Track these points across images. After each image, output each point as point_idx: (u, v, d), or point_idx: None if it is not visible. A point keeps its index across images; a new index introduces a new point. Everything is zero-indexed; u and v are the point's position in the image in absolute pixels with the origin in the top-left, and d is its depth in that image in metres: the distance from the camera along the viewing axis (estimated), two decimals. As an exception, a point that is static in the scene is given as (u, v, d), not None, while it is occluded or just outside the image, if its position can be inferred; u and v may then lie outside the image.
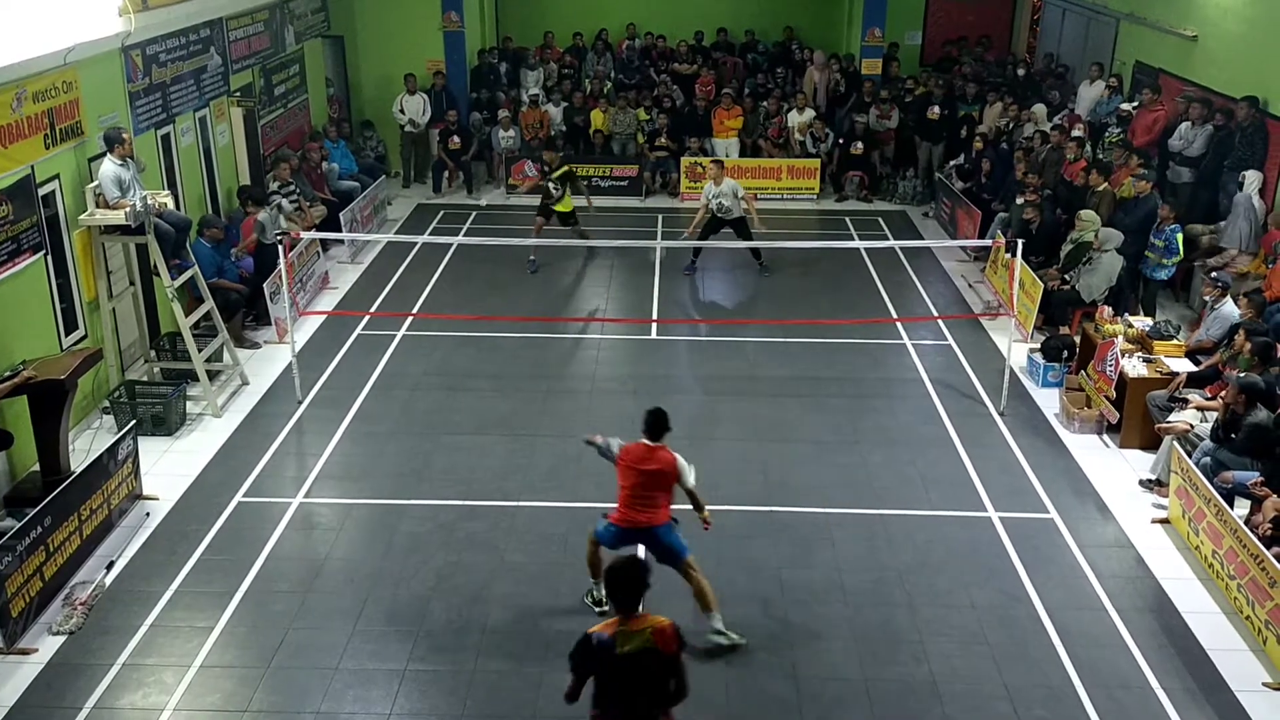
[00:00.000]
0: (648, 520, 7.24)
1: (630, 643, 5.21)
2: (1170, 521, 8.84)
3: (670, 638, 5.28)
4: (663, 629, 5.28)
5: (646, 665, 5.23)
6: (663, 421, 7.29)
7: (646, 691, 5.31)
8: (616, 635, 5.24)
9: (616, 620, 5.32)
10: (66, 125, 10.09)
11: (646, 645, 5.22)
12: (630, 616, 5.31)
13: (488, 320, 12.64)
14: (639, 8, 21.14)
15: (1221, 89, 13.42)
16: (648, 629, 5.27)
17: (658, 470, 7.20)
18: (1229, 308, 10.23)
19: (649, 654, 5.22)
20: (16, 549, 7.27)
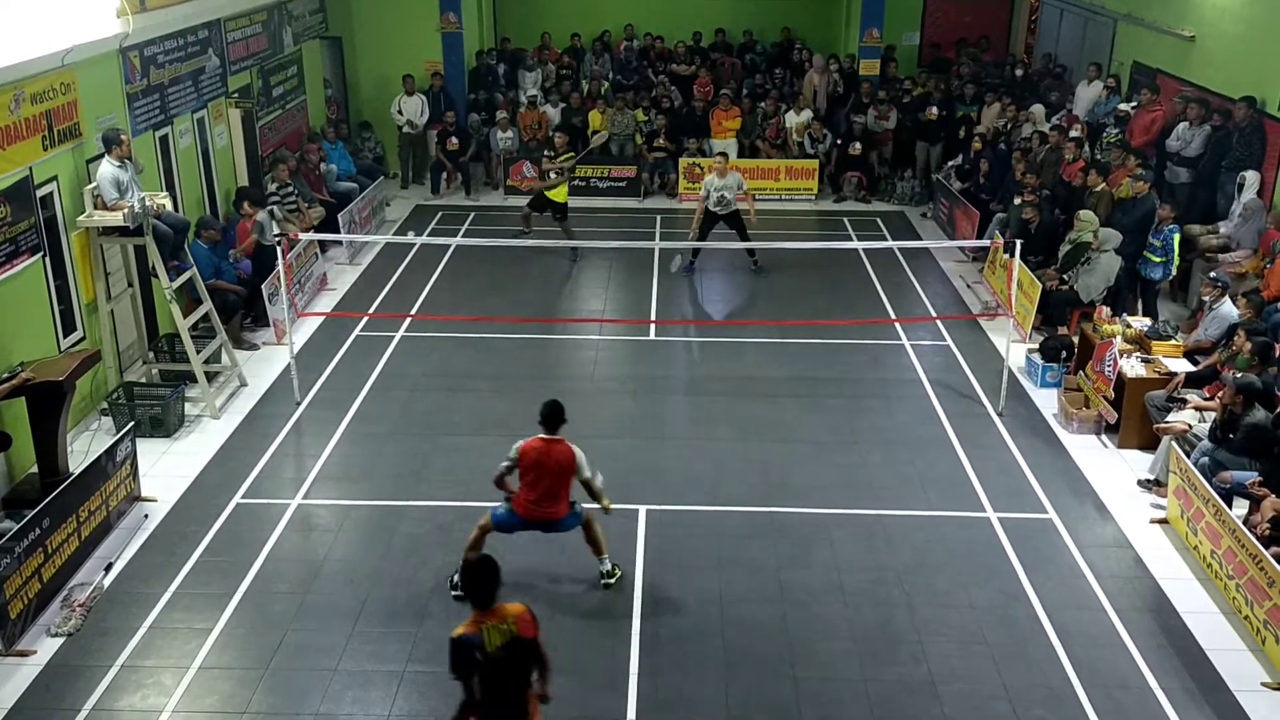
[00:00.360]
0: (549, 513, 7.61)
1: (496, 637, 5.47)
2: (1169, 521, 8.84)
3: (529, 623, 5.58)
4: (521, 616, 5.57)
5: (515, 654, 5.52)
6: (559, 414, 7.49)
7: (516, 678, 5.57)
8: (483, 632, 5.47)
9: (475, 617, 5.53)
10: (64, 127, 10.08)
11: (512, 636, 5.50)
12: (489, 611, 5.53)
13: (486, 321, 12.64)
14: (637, 9, 21.15)
15: (1219, 89, 13.43)
16: (509, 620, 5.53)
17: (556, 464, 7.43)
18: (1227, 308, 10.24)
19: (515, 643, 5.50)
20: (15, 550, 7.26)
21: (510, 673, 5.54)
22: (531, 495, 7.55)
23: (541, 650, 5.66)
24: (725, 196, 14.16)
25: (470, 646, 5.44)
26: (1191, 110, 13.28)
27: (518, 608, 5.61)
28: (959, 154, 17.30)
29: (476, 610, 5.55)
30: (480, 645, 5.44)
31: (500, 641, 5.48)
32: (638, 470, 9.61)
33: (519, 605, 5.63)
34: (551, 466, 7.44)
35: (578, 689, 7.00)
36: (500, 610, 5.55)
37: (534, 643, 5.59)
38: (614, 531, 8.65)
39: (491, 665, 5.46)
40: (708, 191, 14.26)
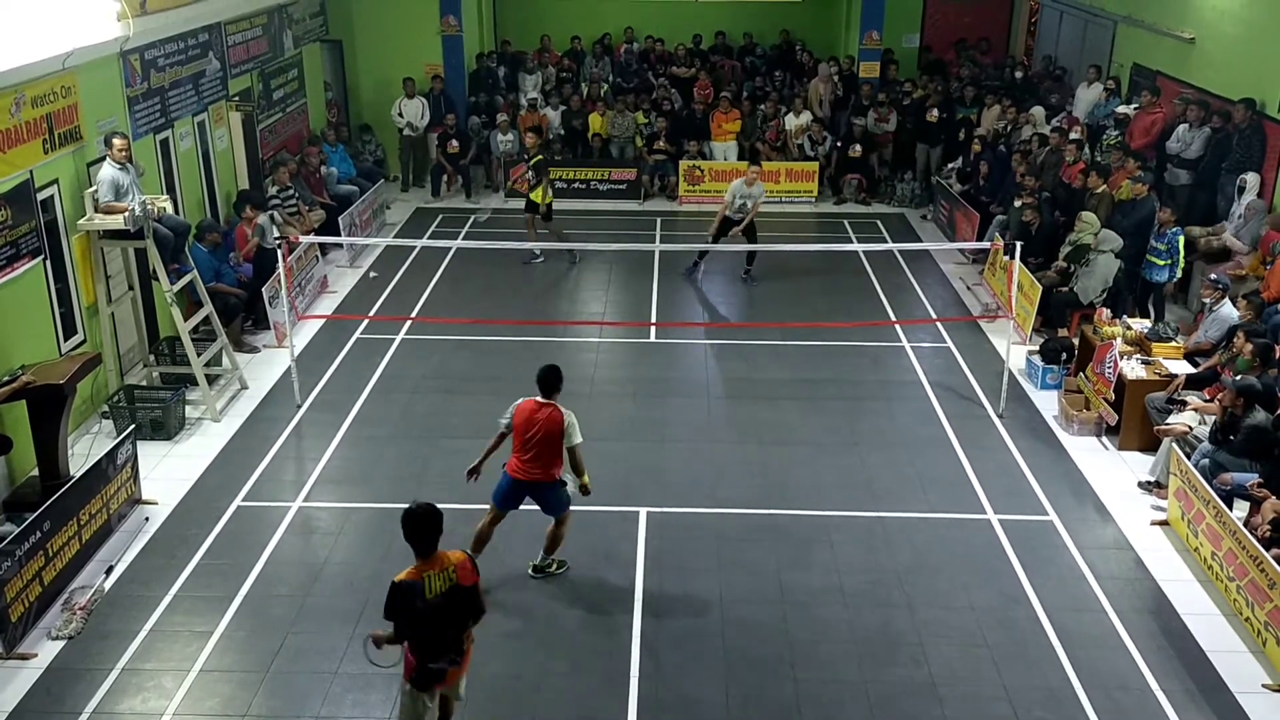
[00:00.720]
0: (539, 475, 7.72)
1: (436, 584, 5.75)
2: (1169, 523, 8.84)
3: (469, 571, 5.88)
4: (461, 564, 5.87)
5: (454, 601, 5.79)
6: (555, 378, 7.69)
7: (454, 623, 5.87)
8: (423, 579, 5.74)
9: (418, 565, 5.80)
10: (65, 130, 10.09)
11: (451, 583, 5.79)
12: (429, 559, 5.80)
13: (486, 324, 12.64)
14: (637, 12, 21.16)
15: (1219, 91, 13.44)
16: (450, 567, 5.82)
17: (544, 425, 7.59)
18: (1227, 309, 10.24)
19: (454, 591, 5.79)
20: (15, 554, 7.26)
21: (448, 618, 5.83)
22: (523, 456, 7.72)
23: (479, 598, 5.97)
24: (747, 205, 14.19)
25: (410, 593, 5.71)
26: (1192, 112, 13.28)
27: (459, 556, 5.91)
28: (959, 156, 17.32)
29: (419, 558, 5.81)
30: (420, 592, 5.71)
31: (440, 588, 5.75)
32: (638, 472, 9.61)
33: (460, 553, 5.95)
34: (540, 429, 7.60)
35: (578, 690, 7.01)
36: (441, 558, 5.83)
37: (473, 590, 5.87)
38: (615, 533, 8.69)
39: (431, 611, 5.74)
40: (733, 197, 14.25)
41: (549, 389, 7.69)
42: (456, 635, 5.90)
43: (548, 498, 7.90)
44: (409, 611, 5.73)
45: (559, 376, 7.72)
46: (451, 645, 5.89)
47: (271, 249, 12.51)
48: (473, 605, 5.92)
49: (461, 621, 5.92)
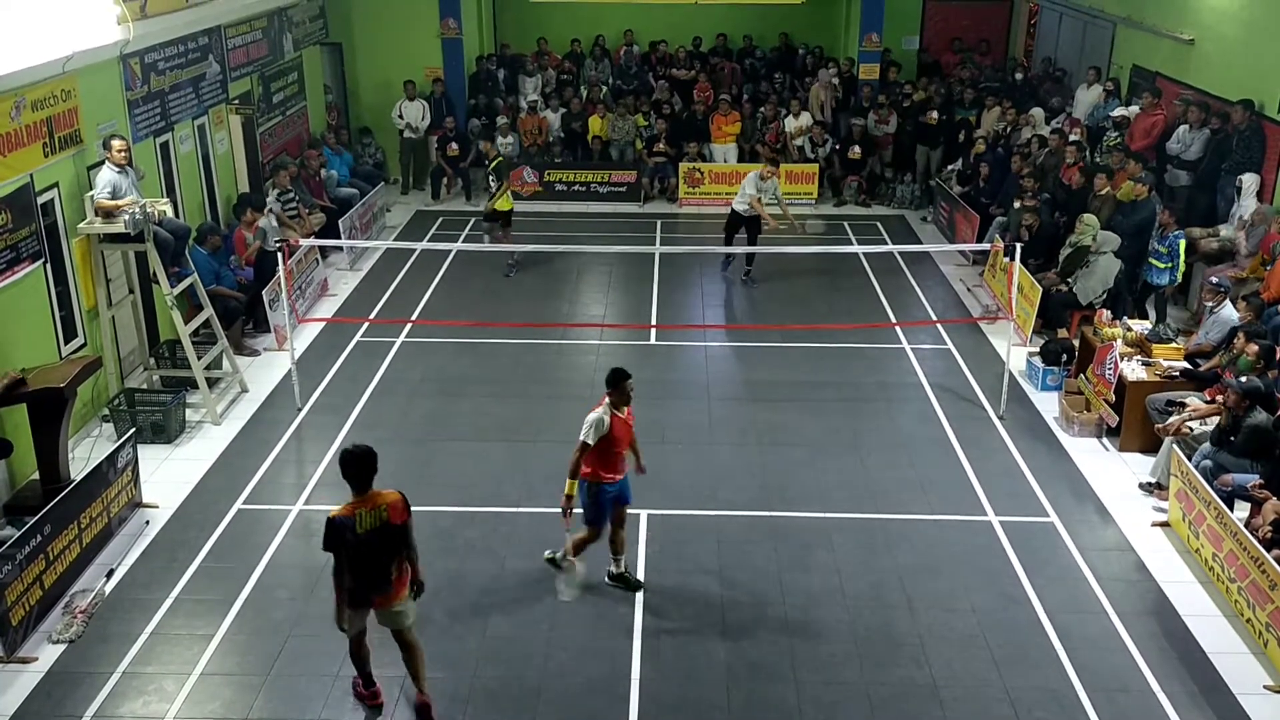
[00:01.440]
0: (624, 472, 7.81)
1: (368, 521, 6.23)
2: (1170, 524, 8.84)
3: (400, 509, 6.35)
4: (394, 504, 6.33)
5: (384, 537, 6.29)
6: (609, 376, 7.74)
7: (386, 557, 6.36)
8: (355, 515, 6.22)
9: (353, 501, 6.27)
10: (65, 134, 10.10)
11: (382, 520, 6.27)
12: (364, 496, 6.28)
13: (486, 326, 12.64)
14: (637, 14, 21.15)
15: (1218, 92, 13.45)
16: (382, 506, 6.28)
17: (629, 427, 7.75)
18: (1228, 311, 10.24)
19: (385, 528, 6.27)
20: (16, 557, 7.26)
21: (378, 553, 6.32)
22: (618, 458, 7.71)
23: (410, 536, 6.43)
24: (762, 199, 14.21)
25: (343, 528, 6.21)
26: (1192, 114, 13.29)
27: (393, 495, 6.35)
28: (959, 158, 17.32)
29: (355, 495, 6.29)
30: (352, 527, 6.20)
31: (371, 525, 6.24)
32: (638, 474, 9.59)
33: (395, 493, 6.37)
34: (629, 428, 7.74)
35: (580, 692, 7.01)
36: (375, 496, 6.29)
37: (403, 528, 6.37)
38: (615, 536, 8.68)
39: (361, 545, 6.23)
40: (745, 185, 14.35)
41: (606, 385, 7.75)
42: (385, 567, 6.37)
43: (628, 492, 7.95)
44: (343, 545, 6.23)
45: (613, 374, 7.77)
46: (381, 576, 6.38)
47: (273, 251, 12.51)
48: (404, 541, 6.41)
49: (391, 555, 6.38)
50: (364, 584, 6.39)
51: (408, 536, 6.43)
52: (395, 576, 6.46)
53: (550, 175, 18.28)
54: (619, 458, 7.70)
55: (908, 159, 18.44)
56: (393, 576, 6.44)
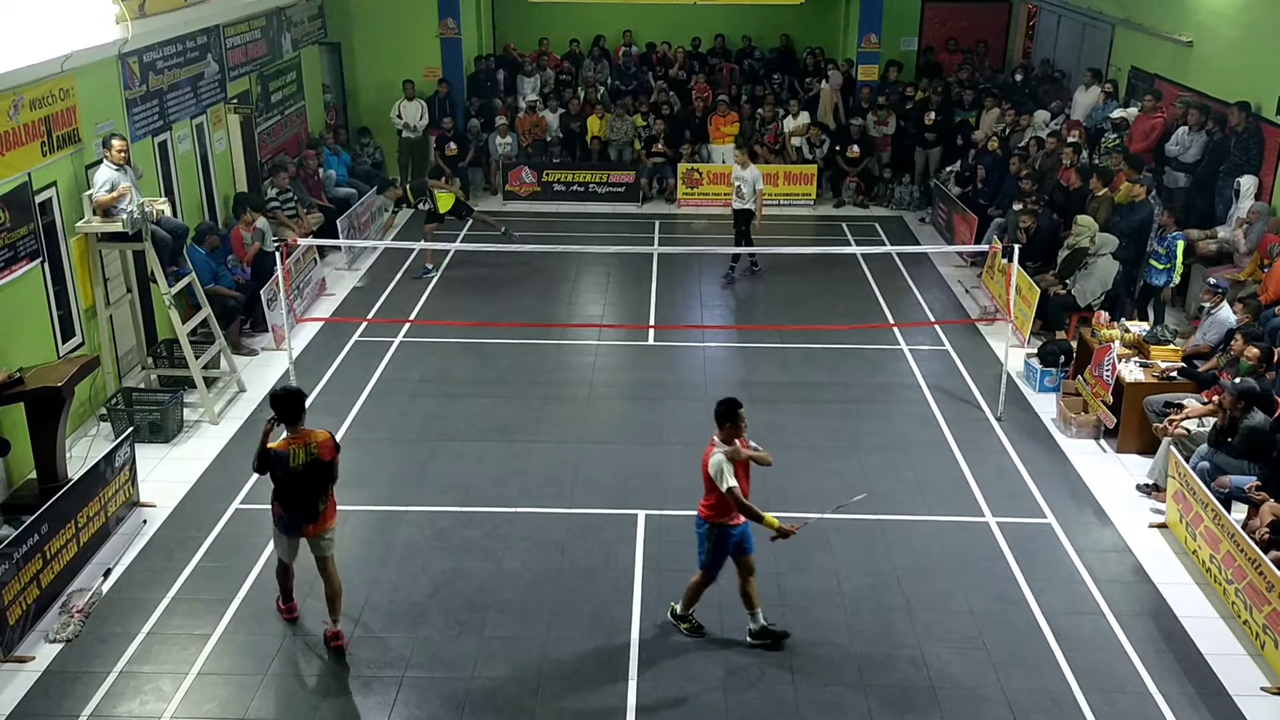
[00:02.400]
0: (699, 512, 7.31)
1: (299, 456, 6.99)
2: (1168, 526, 8.84)
3: (329, 448, 7.10)
4: (323, 442, 7.08)
5: (313, 471, 7.04)
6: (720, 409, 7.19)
7: (315, 489, 7.11)
8: (289, 450, 6.98)
9: (288, 438, 7.02)
10: (63, 133, 10.09)
11: (312, 457, 7.02)
12: (297, 431, 7.03)
13: (485, 326, 12.64)
14: (636, 15, 21.16)
15: (1216, 94, 13.46)
16: (313, 443, 7.04)
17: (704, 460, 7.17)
18: (1225, 313, 10.24)
19: (314, 464, 7.02)
20: (13, 556, 7.26)
21: (308, 485, 7.08)
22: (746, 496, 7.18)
23: (335, 469, 7.18)
24: (741, 189, 14.29)
25: (278, 460, 7.00)
26: (1192, 116, 13.31)
27: (323, 434, 7.11)
28: (957, 159, 17.34)
29: (289, 431, 7.03)
30: (285, 461, 6.97)
31: (303, 460, 6.99)
32: (636, 475, 9.61)
33: (324, 432, 7.14)
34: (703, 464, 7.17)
35: (577, 693, 7.00)
36: (307, 434, 7.05)
37: (331, 464, 7.11)
38: (613, 536, 8.68)
39: (292, 478, 7.02)
40: (734, 182, 14.49)
41: (718, 421, 7.15)
42: (313, 498, 7.11)
43: (747, 537, 7.26)
44: (275, 475, 7.04)
45: (725, 407, 7.13)
46: (308, 505, 7.12)
47: (271, 252, 12.50)
48: (329, 476, 7.14)
49: (319, 488, 7.12)
50: (296, 513, 7.14)
51: (333, 471, 7.17)
52: (323, 508, 7.18)
53: (548, 176, 18.28)
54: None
55: (906, 160, 18.45)
56: (320, 507, 7.17)
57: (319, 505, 7.16)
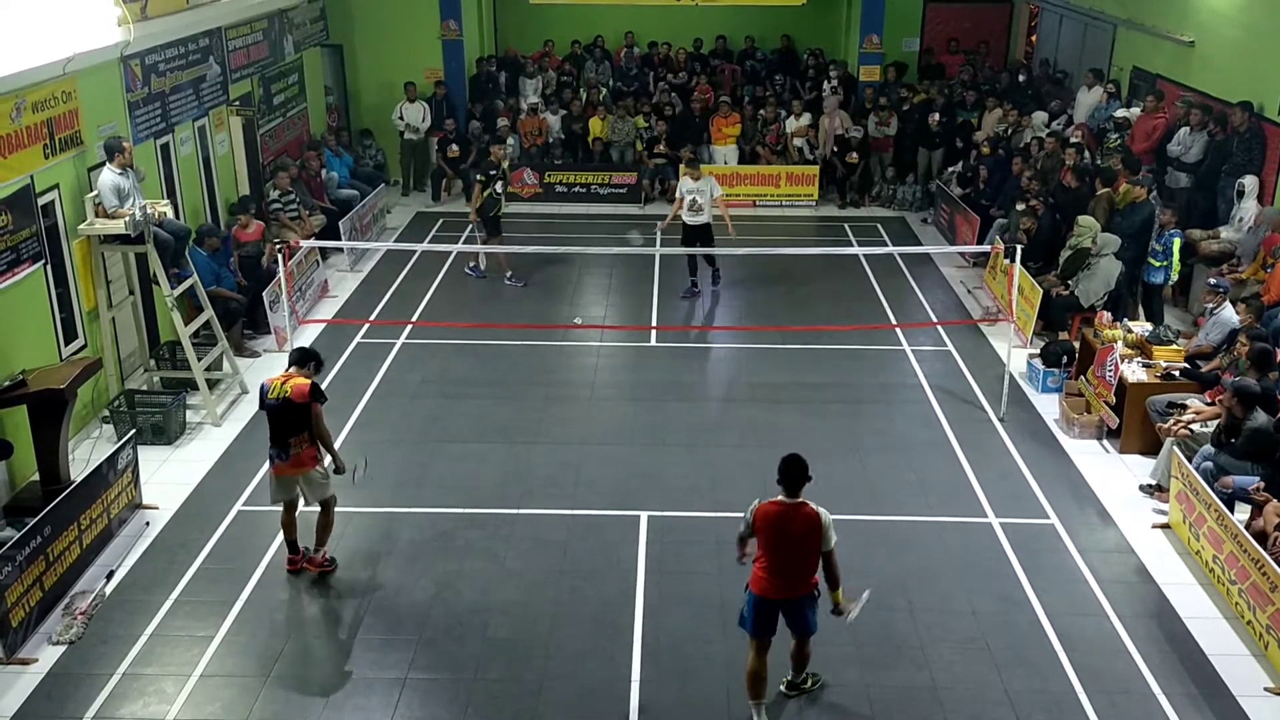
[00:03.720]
0: (792, 590, 6.49)
1: (276, 391, 7.75)
2: (1171, 526, 8.83)
3: (301, 394, 7.71)
4: (297, 386, 7.73)
5: (283, 409, 7.75)
6: (801, 471, 6.38)
7: (283, 428, 7.80)
8: (273, 384, 7.78)
9: (282, 374, 7.86)
10: (66, 135, 10.10)
11: (283, 396, 7.72)
12: (287, 374, 7.86)
13: (487, 328, 12.64)
14: (637, 16, 21.16)
15: (1218, 94, 13.45)
16: (288, 385, 7.74)
17: (803, 531, 6.34)
18: (1228, 313, 10.23)
19: (285, 403, 7.72)
20: (16, 559, 7.27)
21: (280, 420, 7.78)
22: (773, 568, 6.45)
23: (310, 418, 7.74)
24: (698, 200, 13.53)
25: (264, 390, 7.82)
26: (1193, 116, 13.29)
27: (303, 381, 7.76)
28: (959, 160, 17.33)
29: (286, 369, 7.95)
30: (267, 391, 7.79)
31: (276, 395, 7.73)
32: (639, 476, 9.61)
33: (306, 380, 7.77)
34: (796, 533, 6.35)
35: (580, 694, 7.00)
36: (291, 376, 7.82)
37: (303, 408, 7.71)
38: (615, 537, 8.69)
39: (268, 409, 7.80)
40: (682, 195, 13.74)
41: (795, 484, 6.37)
42: (282, 437, 7.78)
43: (802, 616, 6.61)
44: (262, 403, 7.85)
45: (806, 467, 6.38)
46: (277, 441, 7.82)
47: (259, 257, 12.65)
48: (300, 419, 7.74)
49: (288, 429, 7.76)
50: (274, 445, 7.86)
51: (307, 419, 7.76)
52: (295, 451, 7.81)
53: (550, 177, 18.29)
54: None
55: (908, 161, 18.44)
56: (290, 450, 7.80)
57: (288, 444, 7.80)
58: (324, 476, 8.05)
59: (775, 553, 6.42)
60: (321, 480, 8.03)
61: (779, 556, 6.41)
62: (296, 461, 7.86)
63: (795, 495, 6.37)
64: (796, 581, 6.47)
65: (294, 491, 8.04)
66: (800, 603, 6.55)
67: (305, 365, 7.95)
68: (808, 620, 6.64)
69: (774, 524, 6.37)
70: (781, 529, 6.35)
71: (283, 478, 7.95)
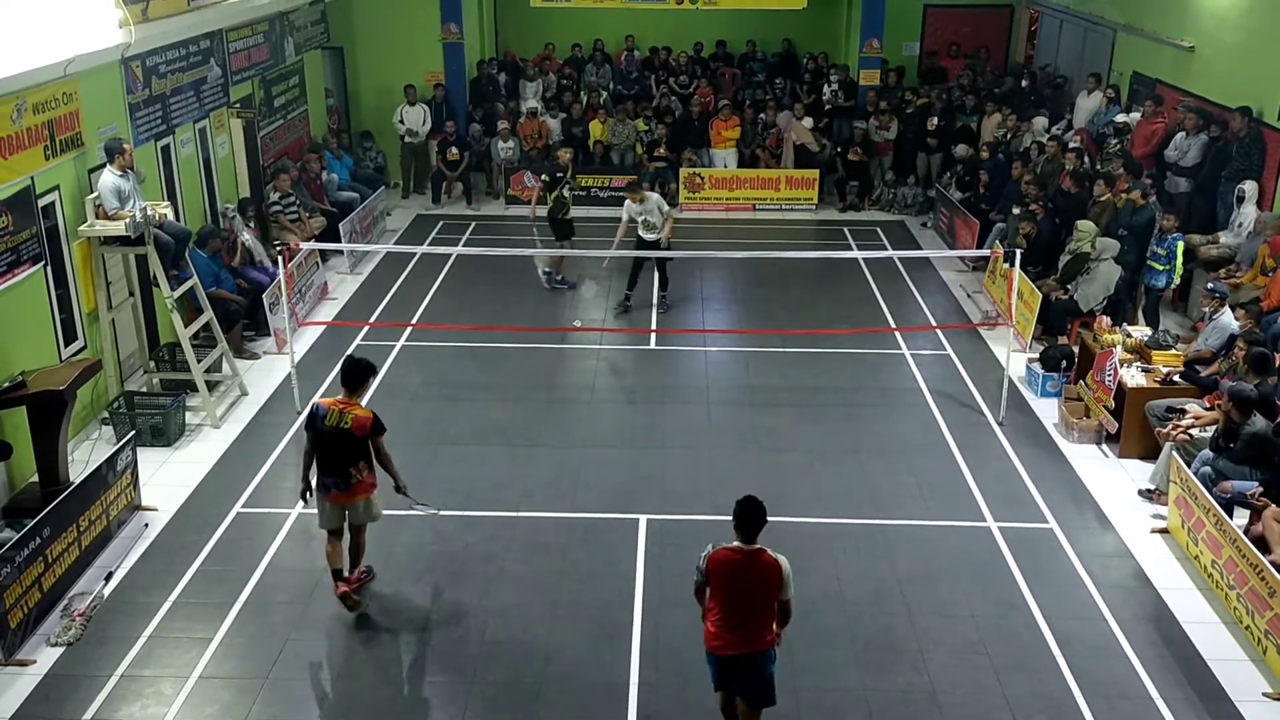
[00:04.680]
0: (746, 644, 5.97)
1: (334, 419, 7.32)
2: (1169, 531, 8.84)
3: (363, 426, 7.32)
4: (360, 419, 7.33)
5: (340, 438, 7.33)
6: (760, 514, 5.92)
7: (338, 454, 7.36)
8: (330, 410, 7.34)
9: (339, 399, 7.41)
10: (66, 136, 10.11)
11: (345, 426, 7.31)
12: (347, 400, 7.40)
13: (487, 330, 12.64)
14: (638, 19, 21.18)
15: (1218, 99, 13.47)
16: (350, 414, 7.33)
17: (759, 580, 5.89)
18: (1227, 318, 10.23)
19: (342, 433, 7.30)
20: (15, 560, 7.26)
21: (334, 450, 7.36)
22: (728, 622, 5.94)
23: (370, 450, 7.43)
24: (650, 220, 13.29)
25: (317, 414, 7.38)
26: (1188, 120, 13.31)
27: (363, 413, 7.35)
28: (957, 164, 17.34)
29: (344, 393, 7.46)
30: (323, 417, 7.34)
31: (334, 424, 7.31)
32: (637, 480, 9.61)
33: (366, 412, 7.37)
34: (751, 581, 5.89)
35: (579, 698, 7.00)
36: (351, 405, 7.38)
37: (362, 441, 7.36)
38: (614, 541, 8.69)
39: (323, 436, 7.34)
40: (630, 216, 13.36)
41: (752, 529, 5.91)
42: (341, 466, 7.37)
43: (760, 678, 6.04)
44: (313, 426, 7.38)
45: (763, 512, 5.93)
46: (335, 470, 7.39)
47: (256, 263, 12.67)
48: (359, 450, 7.37)
49: (347, 458, 7.36)
50: (326, 474, 7.43)
51: (367, 449, 7.43)
52: (355, 480, 7.44)
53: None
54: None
55: (908, 164, 18.46)
56: (352, 478, 7.43)
57: (350, 474, 7.42)
58: (379, 500, 7.76)
59: (729, 603, 5.90)
60: (377, 504, 7.75)
61: (733, 607, 5.90)
62: (358, 489, 7.52)
63: (752, 541, 5.88)
64: (751, 635, 5.91)
65: (345, 519, 7.67)
66: (754, 661, 5.97)
67: (362, 385, 7.54)
68: (766, 682, 6.04)
69: (729, 571, 5.86)
70: (737, 576, 5.86)
71: (338, 505, 7.57)
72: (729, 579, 5.88)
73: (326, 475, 7.45)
